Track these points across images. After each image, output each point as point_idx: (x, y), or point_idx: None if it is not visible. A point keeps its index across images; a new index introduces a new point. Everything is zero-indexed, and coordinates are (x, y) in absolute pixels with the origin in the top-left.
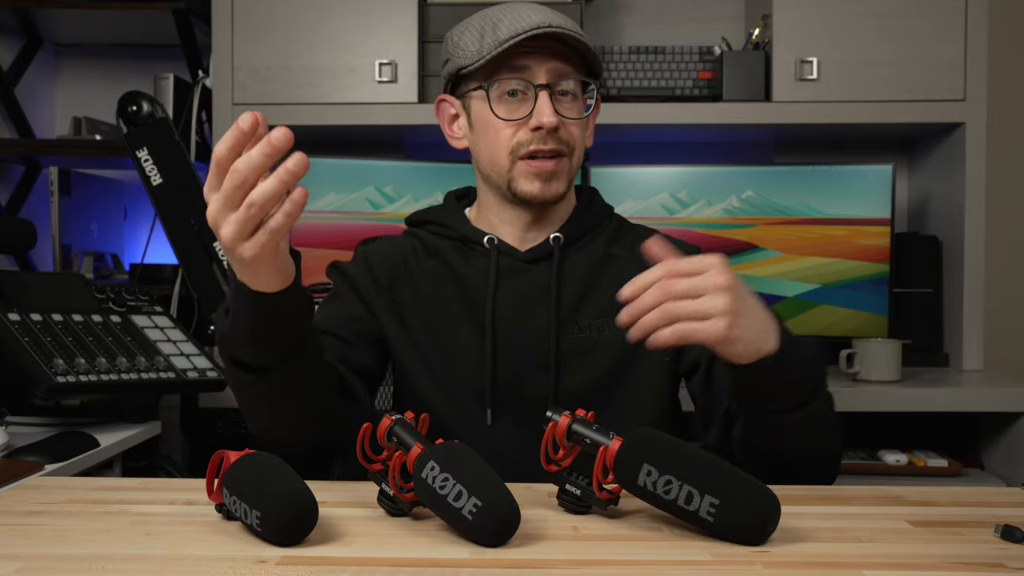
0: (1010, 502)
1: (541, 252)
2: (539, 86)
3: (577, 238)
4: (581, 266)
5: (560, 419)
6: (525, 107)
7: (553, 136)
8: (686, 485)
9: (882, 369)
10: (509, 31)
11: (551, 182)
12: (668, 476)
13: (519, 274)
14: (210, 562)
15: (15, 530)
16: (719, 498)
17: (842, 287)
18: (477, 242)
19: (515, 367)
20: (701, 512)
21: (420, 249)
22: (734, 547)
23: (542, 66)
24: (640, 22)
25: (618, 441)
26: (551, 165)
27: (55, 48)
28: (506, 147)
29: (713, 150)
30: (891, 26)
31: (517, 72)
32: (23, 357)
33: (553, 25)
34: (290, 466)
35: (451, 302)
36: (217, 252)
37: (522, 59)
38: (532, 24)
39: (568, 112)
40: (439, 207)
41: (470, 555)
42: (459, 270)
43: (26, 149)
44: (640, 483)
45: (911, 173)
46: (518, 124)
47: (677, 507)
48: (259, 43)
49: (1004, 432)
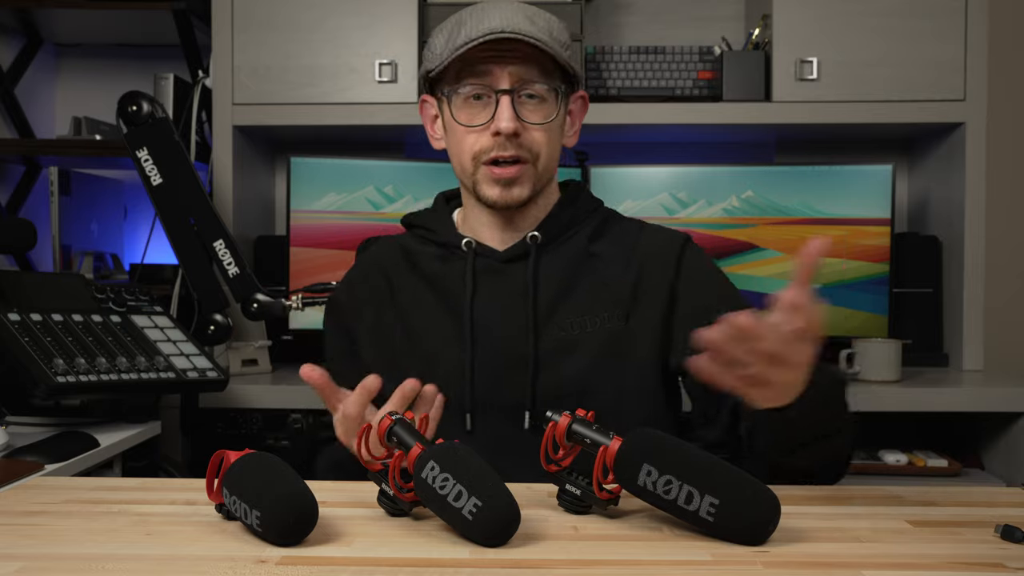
0: (1010, 502)
1: (518, 251)
2: (500, 91)
3: (556, 235)
4: (559, 264)
5: (560, 419)
6: (488, 112)
7: (513, 142)
8: (686, 485)
9: (882, 369)
10: (467, 35)
11: (511, 188)
12: (668, 476)
13: (496, 275)
14: (210, 562)
15: (15, 530)
16: (719, 498)
17: (842, 287)
18: (456, 246)
19: (494, 369)
20: (701, 512)
21: (402, 262)
22: (734, 547)
23: (504, 70)
24: (640, 22)
25: (618, 441)
26: (511, 171)
27: (55, 48)
28: (469, 152)
29: (713, 150)
30: (891, 26)
31: (479, 77)
32: (23, 357)
33: (508, 30)
34: (290, 466)
35: (431, 312)
36: (217, 252)
37: (484, 63)
38: (490, 28)
39: (532, 117)
40: (428, 210)
41: (470, 555)
42: (438, 277)
43: (26, 149)
44: (640, 483)
45: (911, 173)
46: (480, 130)
47: (677, 507)
48: (259, 43)
49: (1004, 432)
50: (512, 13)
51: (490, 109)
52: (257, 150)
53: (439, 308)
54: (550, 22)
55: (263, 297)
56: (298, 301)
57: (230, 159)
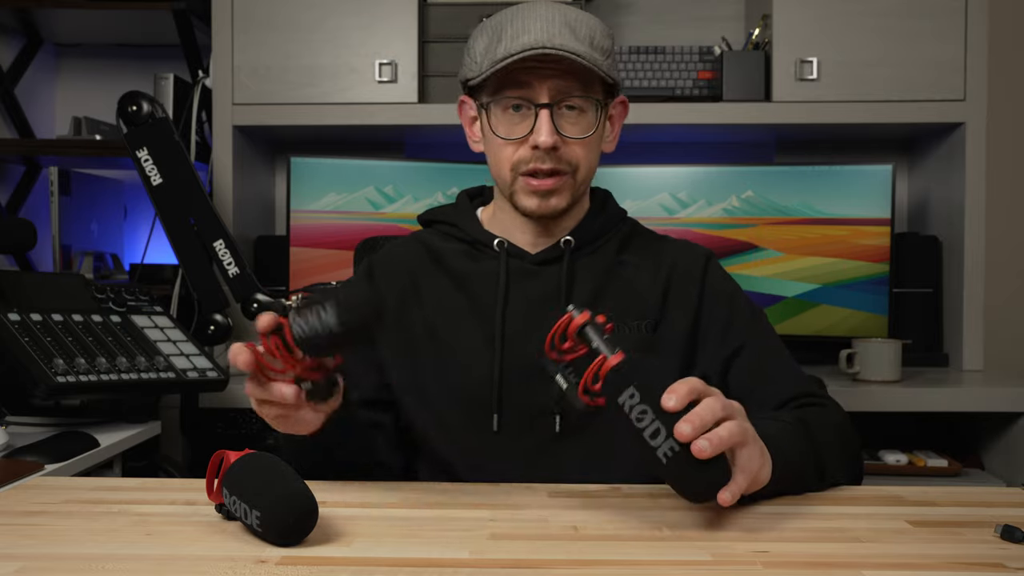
0: (1010, 502)
1: (551, 255)
2: (540, 105)
3: (588, 242)
4: (592, 270)
5: (578, 316)
6: (527, 123)
7: (552, 155)
8: (658, 422)
9: (882, 369)
10: (506, 49)
11: (549, 199)
12: (646, 407)
13: (529, 277)
14: (210, 562)
15: (15, 530)
16: (682, 447)
17: (842, 287)
18: (487, 245)
19: (523, 372)
20: (659, 451)
21: (427, 258)
22: (734, 547)
23: (543, 84)
24: (640, 22)
25: (619, 356)
26: (550, 183)
27: (55, 48)
28: (507, 163)
29: (713, 150)
30: (891, 26)
31: (520, 89)
32: (23, 357)
33: (549, 45)
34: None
35: (459, 311)
36: (217, 252)
37: (525, 75)
38: (531, 43)
39: (572, 130)
40: (450, 206)
41: (470, 555)
42: (467, 275)
43: (26, 149)
44: (620, 401)
45: (911, 173)
46: (519, 142)
47: (641, 439)
48: (259, 43)
49: (1004, 432)
50: (552, 22)
51: (529, 121)
52: (257, 150)
53: (468, 306)
54: (592, 29)
55: (263, 297)
56: (298, 301)
57: (230, 159)
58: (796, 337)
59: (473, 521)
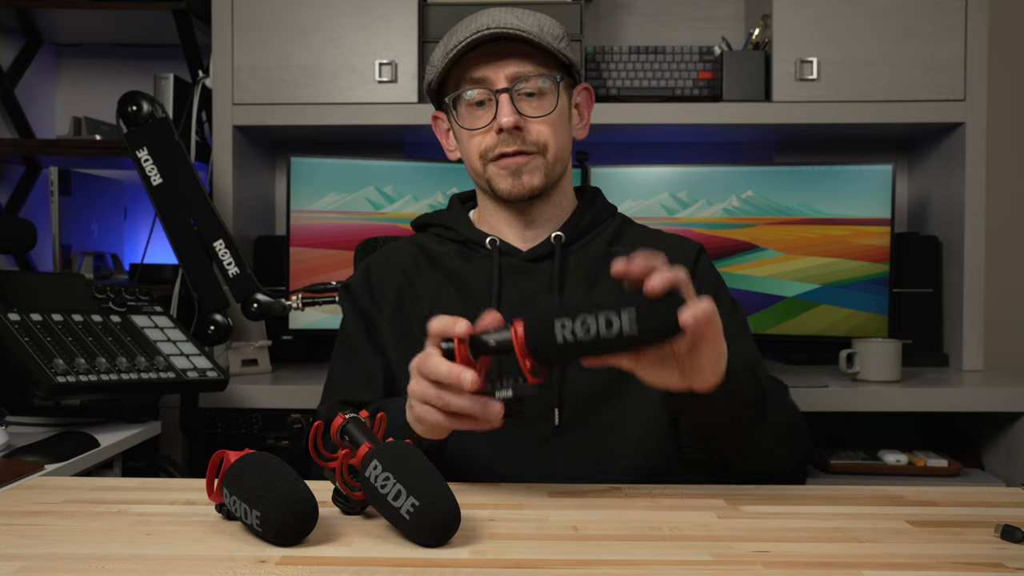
0: (1010, 502)
1: (543, 251)
2: (498, 91)
3: (578, 237)
4: (584, 265)
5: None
6: (490, 114)
7: (517, 137)
8: (601, 314)
9: (882, 369)
10: (458, 39)
11: (521, 176)
12: (582, 316)
13: (522, 273)
14: (210, 562)
15: (15, 530)
16: (635, 307)
17: (842, 287)
18: (479, 243)
19: None
20: (625, 329)
21: (422, 259)
22: (734, 547)
23: (499, 72)
24: (640, 22)
25: (519, 322)
26: (518, 160)
27: (55, 48)
28: (476, 152)
29: (713, 150)
30: (891, 26)
31: (477, 84)
32: (23, 357)
33: (495, 27)
34: (290, 466)
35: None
36: (217, 252)
37: (480, 69)
38: (478, 27)
39: (534, 111)
40: (443, 210)
41: (470, 555)
42: (461, 275)
43: (26, 149)
44: (560, 340)
45: (911, 173)
46: (484, 130)
47: (602, 339)
48: (259, 43)
49: (1004, 432)
50: (501, 14)
51: (492, 110)
52: (257, 150)
53: (463, 304)
54: (540, 19)
55: (263, 297)
56: (298, 301)
57: (230, 159)
58: (796, 337)
59: (473, 521)
